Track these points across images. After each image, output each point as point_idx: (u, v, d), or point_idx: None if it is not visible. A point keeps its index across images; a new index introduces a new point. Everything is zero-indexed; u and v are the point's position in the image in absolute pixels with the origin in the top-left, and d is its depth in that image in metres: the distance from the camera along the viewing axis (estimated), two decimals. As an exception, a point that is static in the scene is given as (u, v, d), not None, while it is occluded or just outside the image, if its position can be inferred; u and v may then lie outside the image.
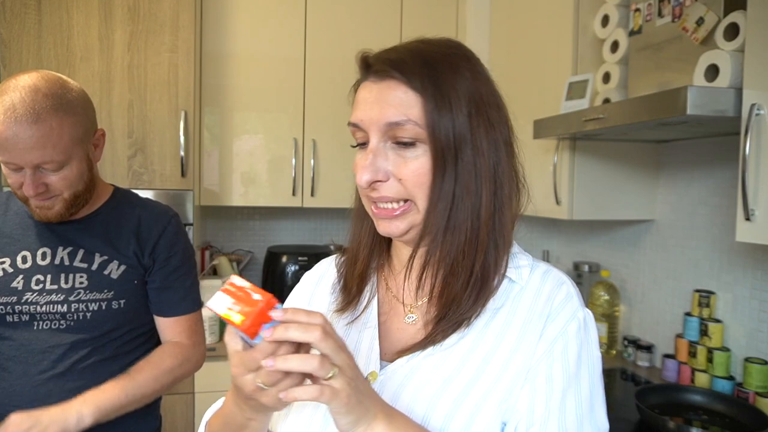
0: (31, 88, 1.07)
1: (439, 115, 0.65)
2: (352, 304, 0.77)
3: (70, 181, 1.14)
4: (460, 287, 0.68)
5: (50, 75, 1.12)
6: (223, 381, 2.19)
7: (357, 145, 0.71)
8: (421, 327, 0.73)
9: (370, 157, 0.67)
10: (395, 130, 0.66)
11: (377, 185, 0.68)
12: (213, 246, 2.76)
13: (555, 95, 1.98)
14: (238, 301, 0.56)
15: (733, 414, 1.57)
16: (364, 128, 0.68)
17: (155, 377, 1.21)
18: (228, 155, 2.49)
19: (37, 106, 1.06)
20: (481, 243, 0.68)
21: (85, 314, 1.19)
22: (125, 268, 1.23)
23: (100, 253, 1.22)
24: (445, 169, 0.66)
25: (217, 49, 2.45)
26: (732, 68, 1.35)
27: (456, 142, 0.66)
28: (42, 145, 1.06)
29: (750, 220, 1.28)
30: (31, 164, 1.08)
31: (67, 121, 1.09)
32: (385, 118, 0.66)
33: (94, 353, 1.20)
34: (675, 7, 1.57)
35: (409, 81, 0.66)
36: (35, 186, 1.10)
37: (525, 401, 0.65)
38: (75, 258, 1.21)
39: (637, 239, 2.17)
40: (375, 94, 0.68)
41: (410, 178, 0.67)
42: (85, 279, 1.20)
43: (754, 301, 1.70)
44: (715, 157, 1.83)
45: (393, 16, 2.61)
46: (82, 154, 1.15)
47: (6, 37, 2.05)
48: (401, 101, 0.66)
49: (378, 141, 0.67)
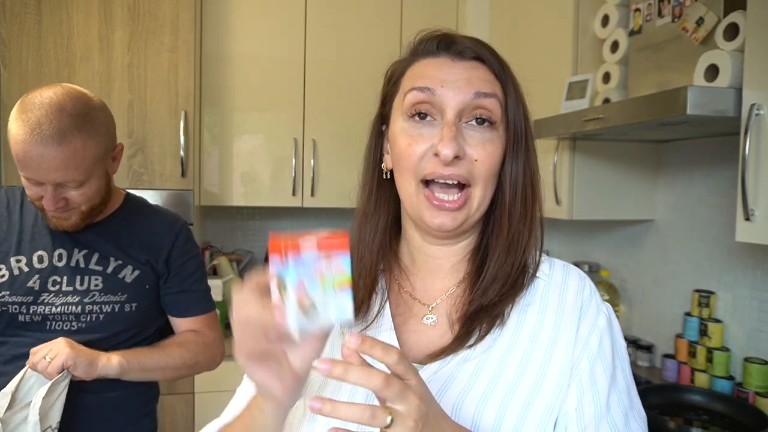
0: (57, 106, 1.07)
1: (516, 105, 0.69)
2: (363, 308, 0.73)
3: (89, 197, 1.16)
4: (497, 284, 0.68)
5: (75, 92, 1.13)
6: (223, 381, 2.19)
7: (415, 114, 0.67)
8: (446, 328, 0.70)
9: (454, 129, 0.65)
10: (480, 102, 0.66)
11: (454, 161, 0.65)
12: (213, 246, 2.76)
13: (555, 95, 1.98)
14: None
15: (733, 414, 1.57)
16: (441, 99, 0.66)
17: (180, 354, 1.26)
18: (228, 155, 2.49)
19: (63, 126, 1.06)
20: (531, 237, 0.70)
21: (99, 316, 1.21)
22: (139, 273, 1.25)
23: (115, 258, 1.24)
24: (516, 156, 0.69)
25: (217, 49, 2.45)
26: (732, 68, 1.35)
27: (522, 135, 0.70)
28: (65, 166, 1.07)
29: (750, 220, 1.28)
30: (54, 182, 1.09)
31: (90, 142, 1.10)
32: (474, 88, 0.66)
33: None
34: (675, 7, 1.57)
35: (492, 67, 0.69)
36: (55, 201, 1.11)
37: (573, 401, 0.64)
38: (90, 261, 1.22)
39: (637, 239, 2.17)
40: (458, 71, 0.67)
41: (485, 160, 0.66)
42: (100, 281, 1.22)
43: (754, 301, 1.70)
44: (715, 157, 1.83)
45: (393, 16, 2.62)
46: (102, 170, 1.17)
47: (6, 37, 2.05)
48: (487, 79, 0.68)
49: (455, 117, 0.66)
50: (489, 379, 0.64)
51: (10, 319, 1.17)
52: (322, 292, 0.52)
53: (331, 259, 0.52)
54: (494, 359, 0.66)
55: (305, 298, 0.52)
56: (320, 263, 0.52)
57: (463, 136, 0.66)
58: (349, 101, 2.52)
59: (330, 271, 0.52)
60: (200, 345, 1.31)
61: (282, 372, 0.55)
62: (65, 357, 1.07)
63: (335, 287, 0.52)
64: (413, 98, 0.67)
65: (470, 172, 0.66)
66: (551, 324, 0.67)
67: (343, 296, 0.52)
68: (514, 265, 0.69)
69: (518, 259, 0.69)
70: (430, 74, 0.67)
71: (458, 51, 0.69)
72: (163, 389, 1.43)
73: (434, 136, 0.66)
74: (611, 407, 0.65)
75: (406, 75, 0.71)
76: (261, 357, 0.54)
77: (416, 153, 0.66)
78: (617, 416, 0.65)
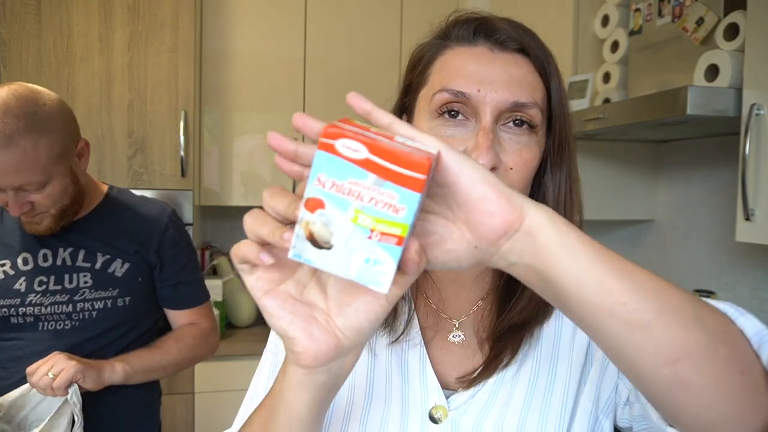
0: (2, 108, 1.01)
1: (560, 105, 0.60)
2: (389, 318, 0.64)
3: (54, 198, 1.11)
4: (533, 301, 0.61)
5: (22, 90, 1.06)
6: (223, 381, 2.19)
7: (445, 112, 0.57)
8: (475, 347, 0.64)
9: (491, 137, 0.55)
10: (518, 112, 0.57)
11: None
12: (213, 246, 2.76)
13: (555, 95, 1.98)
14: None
15: (733, 414, 1.57)
16: (477, 102, 0.56)
17: (179, 349, 1.26)
18: (228, 155, 2.48)
19: (8, 130, 1.00)
20: None
21: (91, 313, 1.19)
22: (129, 266, 1.23)
23: (102, 253, 1.22)
24: (560, 163, 0.61)
25: (217, 49, 2.45)
26: (732, 68, 1.35)
27: (567, 140, 0.61)
28: (16, 170, 1.02)
29: (750, 220, 1.28)
30: (11, 187, 1.05)
31: (42, 142, 1.04)
32: (513, 96, 0.56)
33: (98, 352, 1.20)
34: (675, 7, 1.57)
35: (537, 62, 0.59)
36: (20, 206, 1.08)
37: (624, 390, 0.60)
38: (77, 258, 1.21)
39: (637, 239, 2.17)
40: (498, 66, 0.57)
41: (522, 169, 0.57)
42: (89, 278, 1.20)
43: (754, 301, 1.70)
44: (715, 157, 1.83)
45: (393, 16, 2.61)
46: (63, 169, 1.11)
47: (6, 37, 2.05)
48: (528, 81, 0.58)
49: (492, 121, 0.56)
50: (523, 400, 0.61)
51: (2, 323, 1.16)
52: (350, 226, 0.35)
53: (384, 184, 0.34)
54: (524, 378, 0.62)
55: (321, 227, 0.35)
56: (363, 182, 0.34)
57: (499, 140, 0.57)
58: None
59: (375, 201, 0.34)
60: (197, 337, 1.31)
61: (316, 325, 0.42)
62: (73, 370, 1.04)
63: (375, 231, 0.35)
64: (444, 99, 0.57)
65: (505, 181, 0.58)
66: (570, 327, 0.64)
67: (379, 250, 0.35)
68: None
69: None
70: (465, 70, 0.57)
71: (500, 40, 0.59)
72: (164, 389, 1.43)
73: (467, 139, 0.56)
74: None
75: (436, 65, 0.61)
76: (287, 295, 0.42)
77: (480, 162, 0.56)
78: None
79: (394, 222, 0.34)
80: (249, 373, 0.73)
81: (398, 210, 0.34)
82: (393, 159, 0.34)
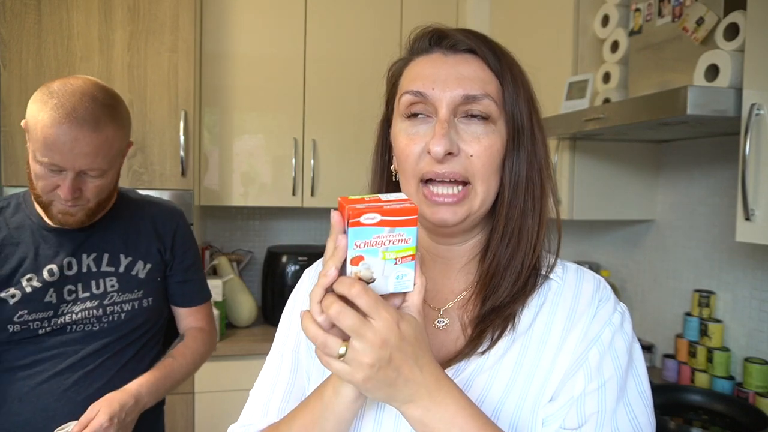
0: (89, 95, 1.07)
1: (515, 97, 0.66)
2: None
3: (101, 189, 1.15)
4: (508, 283, 0.66)
5: (101, 83, 1.13)
6: (223, 381, 2.19)
7: (411, 115, 0.67)
8: (459, 331, 0.68)
9: (446, 126, 0.63)
10: (471, 104, 0.64)
11: (447, 158, 0.64)
12: (213, 246, 2.76)
13: (555, 95, 1.98)
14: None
15: (733, 414, 1.57)
16: (433, 99, 0.65)
17: (193, 360, 1.30)
18: (228, 155, 2.48)
19: (98, 114, 1.06)
20: (541, 233, 0.67)
21: (120, 315, 1.22)
22: (150, 267, 1.27)
23: (125, 255, 1.25)
24: (518, 150, 0.66)
25: (217, 49, 2.45)
26: (732, 68, 1.35)
27: (524, 127, 0.67)
28: (96, 153, 1.07)
29: (750, 220, 1.28)
30: (78, 169, 1.08)
31: (119, 133, 1.12)
32: (463, 90, 0.64)
33: (122, 351, 1.23)
34: (675, 7, 1.58)
35: (486, 59, 0.67)
36: (72, 191, 1.09)
37: (579, 387, 0.62)
38: (101, 263, 1.23)
39: (637, 239, 2.17)
40: (449, 67, 0.66)
41: (482, 154, 0.64)
42: (115, 282, 1.22)
43: (754, 301, 1.70)
44: (715, 157, 1.83)
45: (393, 16, 2.61)
46: (119, 164, 1.19)
47: (6, 37, 2.05)
48: (479, 76, 0.66)
49: (448, 114, 0.64)
50: (503, 390, 0.63)
51: (31, 334, 1.17)
52: (382, 263, 0.53)
53: (395, 231, 0.53)
54: (507, 368, 0.64)
55: (365, 271, 0.53)
56: (382, 235, 0.53)
57: (457, 131, 0.65)
58: (349, 101, 2.52)
59: (392, 242, 0.53)
60: (200, 343, 1.34)
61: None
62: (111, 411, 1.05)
63: (396, 259, 0.54)
64: (406, 101, 0.67)
65: (467, 168, 0.65)
66: (560, 328, 0.65)
67: (404, 268, 0.54)
68: (524, 262, 0.67)
69: (528, 256, 0.67)
70: (422, 74, 0.66)
71: (450, 45, 0.68)
72: (163, 389, 1.43)
73: (429, 134, 0.65)
74: (618, 420, 0.61)
75: (403, 76, 0.70)
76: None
77: (414, 153, 0.66)
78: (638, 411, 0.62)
79: (406, 248, 0.54)
80: (249, 373, 0.73)
81: (407, 240, 0.54)
82: (396, 214, 0.53)
